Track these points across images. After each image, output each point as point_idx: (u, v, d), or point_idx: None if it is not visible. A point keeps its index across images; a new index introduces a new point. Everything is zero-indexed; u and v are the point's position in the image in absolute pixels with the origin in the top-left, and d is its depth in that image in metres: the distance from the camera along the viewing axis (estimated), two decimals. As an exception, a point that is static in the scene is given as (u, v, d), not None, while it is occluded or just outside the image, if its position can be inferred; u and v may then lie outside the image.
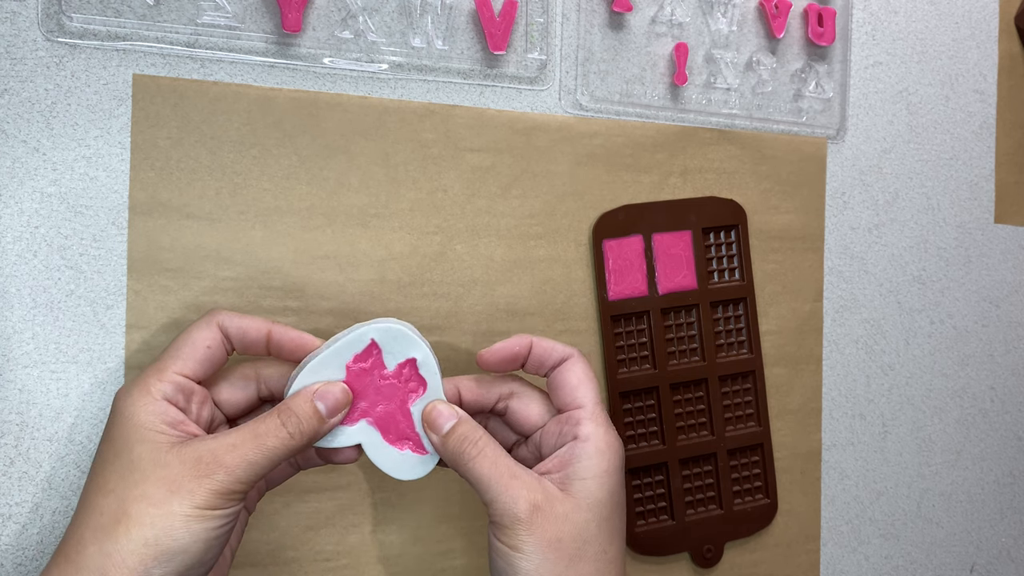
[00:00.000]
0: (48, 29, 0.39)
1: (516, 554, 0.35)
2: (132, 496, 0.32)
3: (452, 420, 0.37)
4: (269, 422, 0.34)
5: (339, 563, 0.44)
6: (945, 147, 0.59)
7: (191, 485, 0.32)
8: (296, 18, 0.42)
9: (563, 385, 0.39)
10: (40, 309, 0.39)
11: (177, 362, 0.35)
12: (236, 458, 0.33)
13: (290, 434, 0.34)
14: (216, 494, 0.32)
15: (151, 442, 0.33)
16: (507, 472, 0.35)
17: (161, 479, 0.32)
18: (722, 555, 0.51)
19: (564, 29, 0.48)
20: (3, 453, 0.39)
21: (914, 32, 0.58)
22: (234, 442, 0.33)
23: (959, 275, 0.60)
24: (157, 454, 0.33)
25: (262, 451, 0.33)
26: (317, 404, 0.35)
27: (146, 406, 0.34)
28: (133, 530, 0.31)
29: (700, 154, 0.51)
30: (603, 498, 0.36)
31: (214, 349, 0.36)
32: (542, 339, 0.40)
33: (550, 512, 0.35)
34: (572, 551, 0.35)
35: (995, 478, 0.61)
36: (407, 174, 0.45)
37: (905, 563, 0.58)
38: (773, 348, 0.53)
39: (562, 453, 0.37)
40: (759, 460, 0.52)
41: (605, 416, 0.38)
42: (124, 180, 0.40)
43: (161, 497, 0.32)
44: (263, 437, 0.34)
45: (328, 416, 0.36)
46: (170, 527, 0.31)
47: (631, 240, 0.49)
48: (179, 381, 0.35)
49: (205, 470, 0.32)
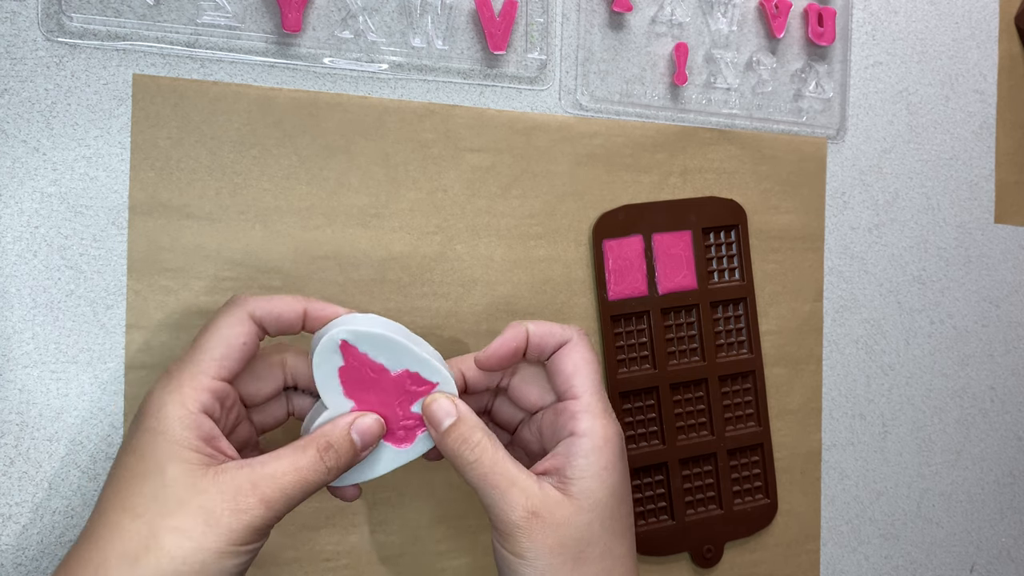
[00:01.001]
0: (48, 29, 0.39)
1: (519, 560, 0.34)
2: (165, 526, 0.30)
3: (451, 417, 0.35)
4: (309, 455, 0.33)
5: (339, 563, 0.44)
6: (945, 147, 0.59)
7: (230, 520, 0.30)
8: (296, 18, 0.42)
9: (559, 372, 0.37)
10: (40, 309, 0.39)
11: (212, 365, 0.33)
12: (276, 492, 0.32)
13: (328, 469, 0.33)
14: (253, 530, 0.31)
15: (185, 463, 0.31)
16: (504, 478, 0.34)
17: (198, 510, 0.30)
18: (722, 555, 0.51)
19: (564, 29, 0.48)
20: (3, 453, 0.39)
21: (914, 32, 0.58)
22: (273, 473, 0.32)
23: (959, 275, 0.60)
24: (192, 479, 0.31)
25: (302, 486, 0.32)
26: (354, 437, 0.34)
27: (182, 419, 0.32)
28: (164, 561, 0.30)
29: (700, 154, 0.51)
30: (604, 496, 0.35)
31: (250, 346, 0.34)
32: (539, 324, 0.38)
33: (549, 518, 0.34)
34: (576, 554, 0.34)
35: (995, 478, 0.61)
36: (407, 174, 0.45)
37: (905, 563, 0.58)
38: (773, 348, 0.53)
39: (560, 451, 0.36)
40: (759, 460, 0.52)
41: (603, 405, 0.37)
42: (124, 180, 0.40)
43: (198, 532, 0.30)
44: (303, 472, 0.32)
45: (362, 449, 0.35)
46: (203, 562, 0.30)
47: (631, 240, 0.49)
48: (216, 388, 0.33)
49: (244, 504, 0.31)
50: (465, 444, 0.35)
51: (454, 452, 0.35)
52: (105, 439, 0.40)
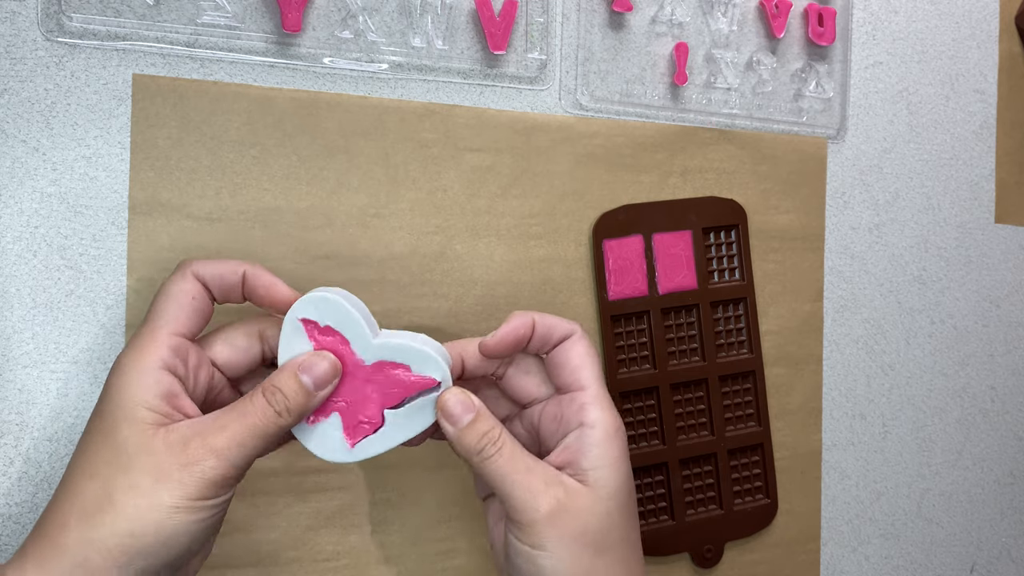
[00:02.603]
0: (48, 29, 0.39)
1: (539, 552, 0.34)
2: (118, 484, 0.30)
3: (471, 413, 0.35)
4: (256, 401, 0.33)
5: (339, 563, 0.44)
6: (945, 147, 0.59)
7: (180, 475, 0.30)
8: (296, 18, 0.42)
9: (565, 364, 0.37)
10: (40, 309, 0.39)
11: (168, 322, 0.33)
12: (225, 440, 0.31)
13: (278, 412, 0.33)
14: (208, 483, 0.31)
15: (138, 422, 0.31)
16: (524, 469, 0.34)
17: (148, 467, 0.30)
18: (722, 555, 0.51)
19: (564, 29, 0.48)
20: (3, 453, 0.39)
21: (914, 32, 0.58)
22: (222, 424, 0.32)
23: (959, 275, 0.60)
24: (143, 438, 0.31)
25: (252, 431, 0.32)
26: (302, 378, 0.34)
27: (138, 377, 0.32)
28: (119, 520, 0.30)
29: (700, 154, 0.51)
30: (620, 484, 0.36)
31: (199, 300, 0.34)
32: (544, 316, 0.38)
33: (572, 507, 0.34)
34: (598, 543, 0.34)
35: (995, 478, 0.61)
36: (407, 174, 0.45)
37: (905, 563, 0.58)
38: (773, 348, 0.53)
39: (570, 443, 0.36)
40: (759, 460, 0.52)
41: (608, 398, 0.37)
42: (124, 180, 0.40)
43: (148, 487, 0.30)
44: (251, 416, 0.32)
45: (315, 390, 0.34)
46: (157, 520, 0.30)
47: (631, 240, 0.49)
48: (175, 343, 0.33)
49: (194, 456, 0.31)
50: (486, 439, 0.35)
51: (475, 448, 0.35)
52: (105, 439, 0.40)
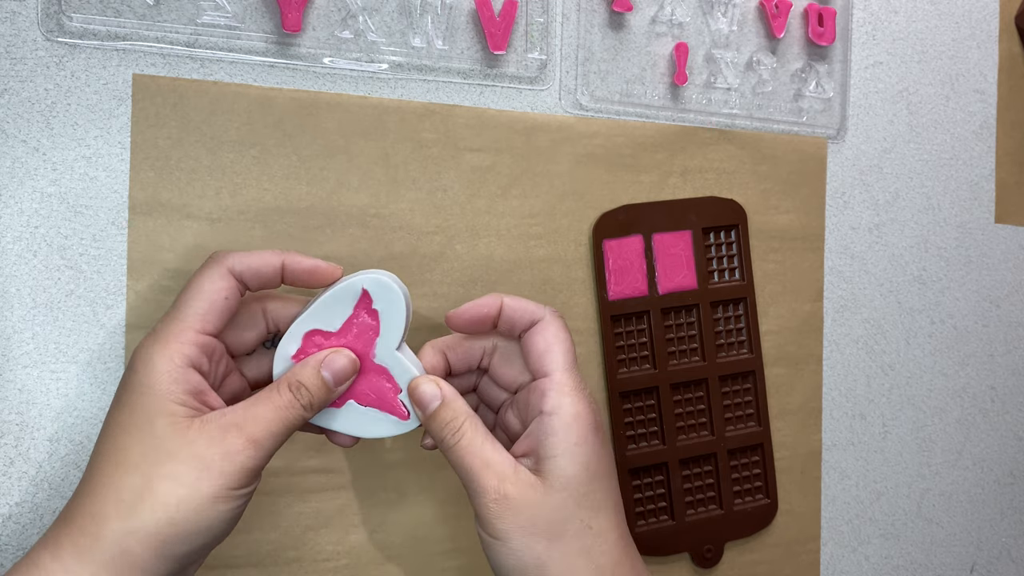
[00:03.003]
0: (48, 29, 0.39)
1: (495, 541, 0.35)
2: (159, 475, 0.31)
3: (436, 401, 0.36)
4: (283, 394, 0.34)
5: (339, 563, 0.44)
6: (945, 147, 0.59)
7: (221, 464, 0.32)
8: (296, 18, 0.42)
9: (531, 351, 0.38)
10: (40, 309, 0.39)
11: (197, 320, 0.34)
12: (261, 431, 0.33)
13: (303, 406, 0.34)
14: (247, 472, 0.32)
15: (172, 415, 0.32)
16: (480, 461, 0.35)
17: (188, 458, 0.32)
18: (722, 555, 0.51)
19: (564, 29, 0.48)
20: (3, 453, 0.39)
21: (914, 32, 0.58)
22: (255, 415, 0.33)
23: (959, 275, 0.60)
24: (179, 430, 0.32)
25: (282, 423, 0.34)
26: (325, 376, 0.35)
27: (170, 373, 0.32)
28: (159, 510, 0.31)
29: (700, 154, 0.51)
30: (576, 472, 0.35)
31: (231, 300, 0.35)
32: (515, 298, 0.38)
33: (520, 499, 0.34)
34: (550, 533, 0.35)
35: (995, 478, 0.61)
36: (407, 174, 0.45)
37: (905, 563, 0.58)
38: (773, 348, 0.53)
39: (532, 431, 0.37)
40: (759, 460, 0.52)
41: (573, 382, 0.37)
42: (124, 180, 0.40)
43: (191, 478, 0.31)
44: (282, 410, 0.34)
45: (335, 385, 0.36)
46: (198, 508, 0.31)
47: (631, 240, 0.49)
48: (203, 341, 0.34)
49: (234, 446, 0.32)
50: (447, 428, 0.36)
51: (438, 436, 0.36)
52: (105, 439, 0.40)
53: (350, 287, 0.36)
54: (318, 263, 0.36)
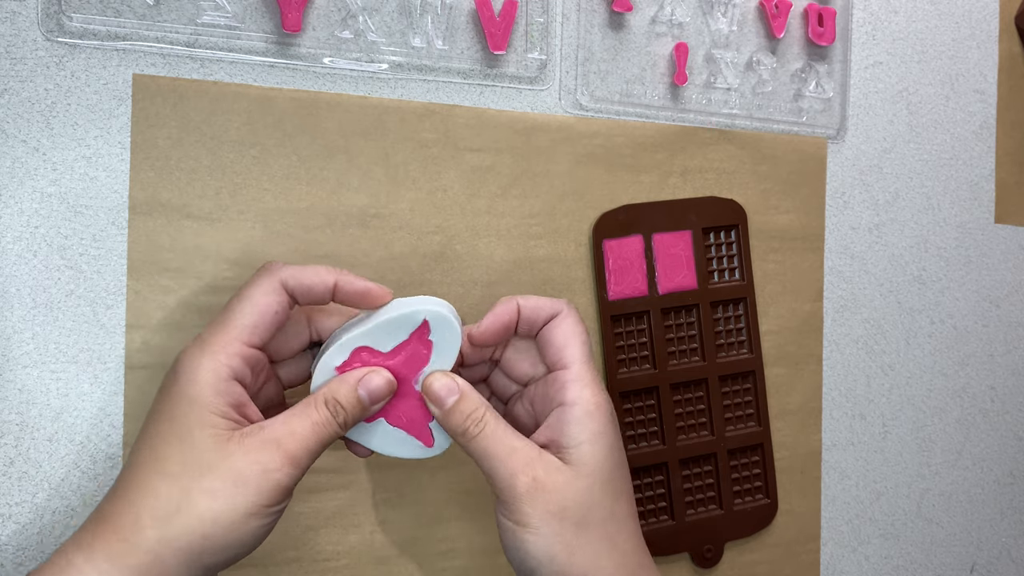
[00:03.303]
0: (48, 29, 0.39)
1: (522, 529, 0.35)
2: (197, 488, 0.31)
3: (454, 395, 0.36)
4: (320, 411, 0.34)
5: (339, 563, 0.44)
6: (945, 147, 0.59)
7: (259, 480, 0.32)
8: (296, 18, 0.42)
9: (550, 343, 0.38)
10: (40, 309, 0.39)
11: (245, 332, 0.34)
12: (298, 448, 0.33)
13: (339, 424, 0.35)
14: (282, 489, 0.32)
15: (213, 428, 0.32)
16: (506, 448, 0.35)
17: (226, 473, 0.32)
18: (722, 555, 0.51)
19: (564, 29, 0.48)
20: (3, 453, 0.39)
21: (914, 32, 0.58)
22: (293, 431, 0.33)
23: (959, 275, 0.60)
24: (218, 443, 0.32)
25: (318, 440, 0.34)
26: (361, 394, 0.35)
27: (214, 386, 0.33)
28: (195, 523, 0.31)
29: (700, 154, 0.51)
30: (600, 460, 0.36)
31: (281, 314, 0.35)
32: (528, 297, 0.38)
33: (551, 484, 0.35)
34: (578, 519, 0.35)
35: (995, 478, 0.61)
36: (407, 174, 0.45)
37: (905, 563, 0.58)
38: (773, 348, 0.53)
39: (551, 421, 0.37)
40: (759, 460, 0.52)
41: (592, 375, 0.38)
42: (124, 180, 0.40)
43: (228, 494, 0.31)
44: (319, 427, 0.34)
45: (370, 404, 0.36)
46: (231, 523, 0.31)
47: (631, 240, 0.49)
48: (248, 355, 0.34)
49: (272, 463, 0.32)
50: (470, 419, 0.36)
51: (460, 428, 0.36)
52: (105, 439, 0.40)
53: (410, 317, 0.36)
54: (370, 286, 0.36)
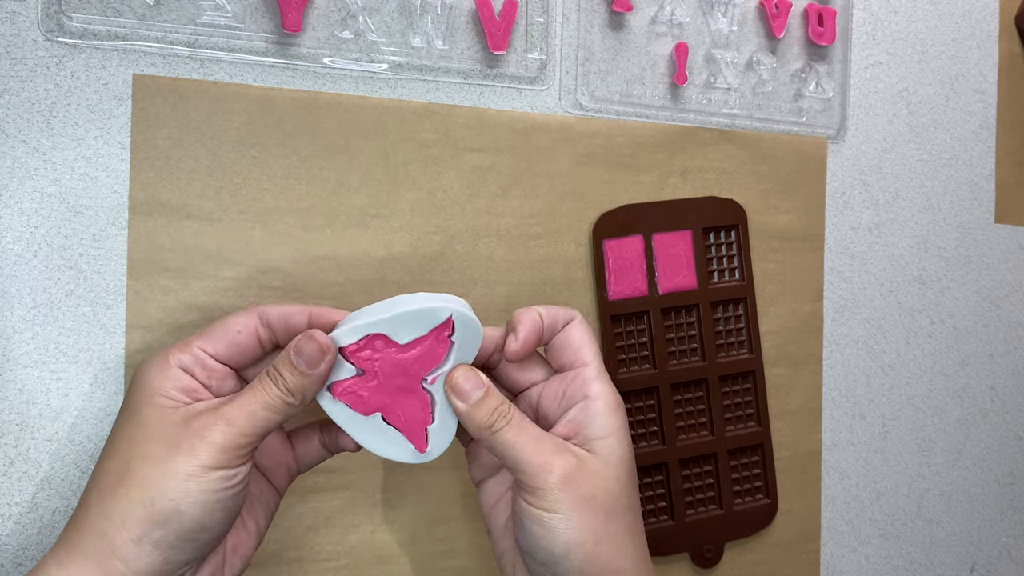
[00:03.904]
0: (48, 29, 0.39)
1: (552, 515, 0.35)
2: (135, 456, 0.32)
3: (480, 390, 0.36)
4: (262, 379, 0.35)
5: (339, 563, 0.44)
6: (945, 147, 0.59)
7: (192, 441, 0.32)
8: (296, 18, 0.42)
9: (567, 345, 0.39)
10: (40, 309, 0.39)
11: (201, 339, 0.35)
12: (235, 409, 0.33)
13: (280, 391, 0.34)
14: (218, 448, 0.32)
15: (159, 405, 0.33)
16: (534, 438, 0.36)
17: (162, 437, 0.32)
18: (722, 555, 0.51)
19: (564, 29, 0.48)
20: (3, 453, 0.39)
21: (914, 32, 0.58)
22: (232, 398, 0.34)
23: (959, 275, 0.60)
24: (163, 414, 0.33)
25: (259, 402, 0.34)
26: (294, 359, 0.34)
27: (161, 372, 0.34)
28: (132, 490, 0.31)
29: (700, 154, 0.51)
30: (624, 453, 0.37)
31: (244, 335, 0.36)
32: (546, 308, 0.39)
33: (584, 472, 0.35)
34: (607, 507, 0.36)
35: (995, 478, 0.61)
36: (407, 174, 0.45)
37: (905, 563, 0.58)
38: (773, 348, 0.53)
39: (574, 415, 0.38)
40: (759, 460, 0.52)
41: (607, 375, 0.39)
42: (124, 180, 0.40)
43: (162, 455, 0.32)
44: (258, 392, 0.34)
45: (308, 368, 0.34)
46: (167, 486, 0.31)
47: (631, 240, 0.49)
48: (199, 355, 0.35)
49: (205, 423, 0.33)
50: (496, 413, 0.36)
51: (486, 422, 0.36)
52: (105, 439, 0.40)
53: (435, 312, 0.36)
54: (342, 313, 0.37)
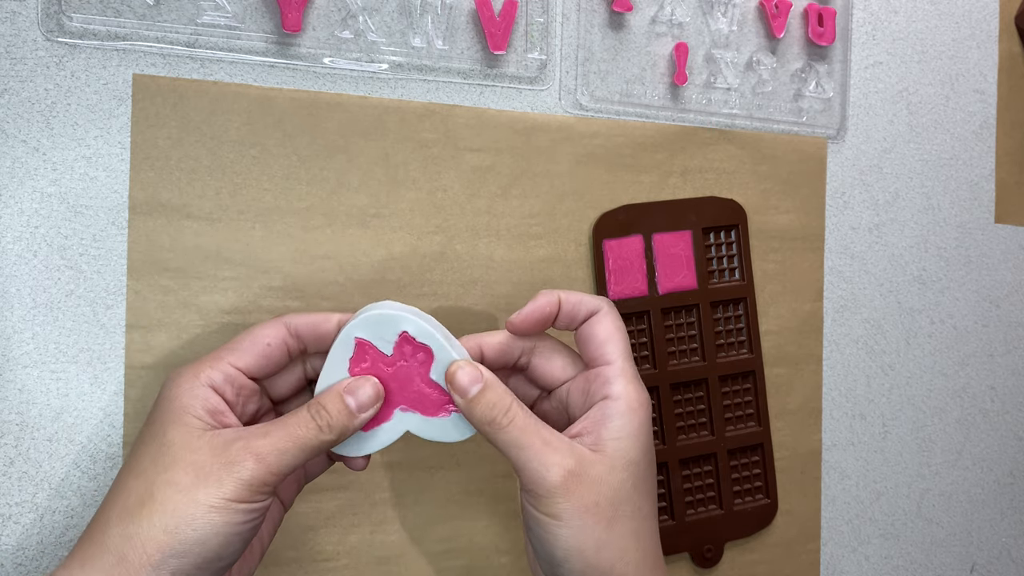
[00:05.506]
0: (48, 29, 0.39)
1: (554, 522, 0.34)
2: (160, 480, 0.31)
3: (478, 384, 0.35)
4: (300, 415, 0.34)
5: (339, 563, 0.44)
6: (945, 147, 0.59)
7: (220, 474, 0.31)
8: (296, 18, 0.42)
9: (591, 339, 0.38)
10: (40, 309, 0.39)
11: (233, 354, 0.35)
12: (266, 445, 0.32)
13: (319, 427, 0.34)
14: (244, 484, 0.32)
15: (185, 425, 0.33)
16: (538, 439, 0.35)
17: (189, 464, 0.32)
18: (722, 555, 0.51)
19: (564, 29, 0.48)
20: (3, 453, 0.39)
21: (914, 32, 0.58)
22: (266, 431, 0.33)
23: (959, 275, 0.60)
24: (188, 438, 0.32)
25: (293, 441, 0.33)
26: (347, 400, 0.35)
27: (190, 390, 0.33)
28: (155, 515, 0.31)
29: (700, 154, 0.51)
30: (637, 457, 0.36)
31: (274, 347, 0.36)
32: (569, 293, 0.38)
33: (586, 477, 0.34)
34: (610, 513, 0.34)
35: (995, 478, 0.61)
36: (407, 174, 0.45)
37: (905, 563, 0.58)
38: (773, 348, 0.53)
39: (593, 414, 0.36)
40: (759, 460, 0.52)
41: (634, 371, 0.37)
42: (124, 180, 0.40)
43: (187, 484, 0.31)
44: (293, 427, 0.33)
45: (358, 411, 0.35)
46: (191, 516, 0.31)
47: (631, 240, 0.49)
48: (230, 372, 0.34)
49: (234, 457, 0.32)
50: (496, 408, 0.35)
51: (486, 418, 0.35)
52: (105, 439, 0.40)
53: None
54: None
